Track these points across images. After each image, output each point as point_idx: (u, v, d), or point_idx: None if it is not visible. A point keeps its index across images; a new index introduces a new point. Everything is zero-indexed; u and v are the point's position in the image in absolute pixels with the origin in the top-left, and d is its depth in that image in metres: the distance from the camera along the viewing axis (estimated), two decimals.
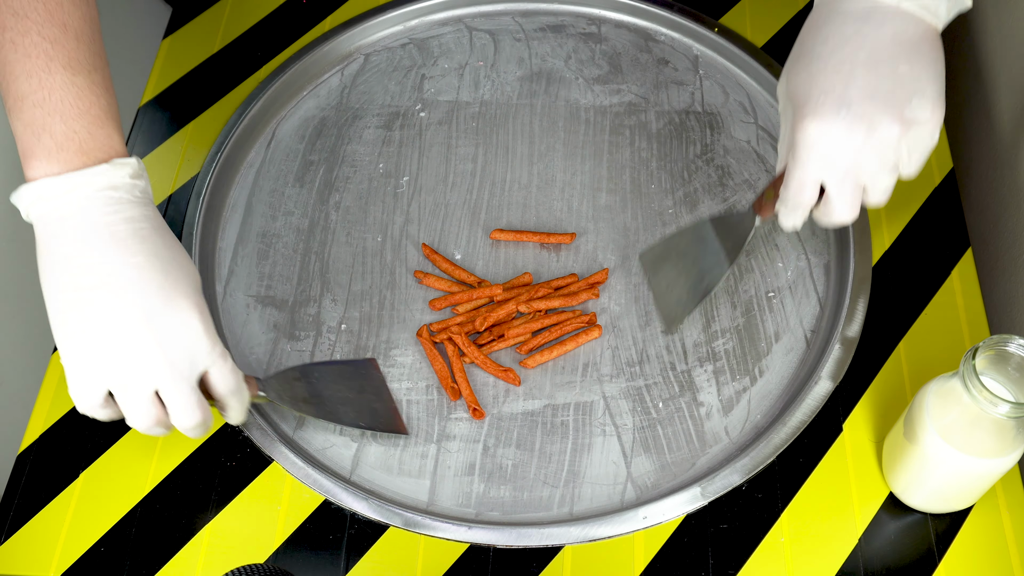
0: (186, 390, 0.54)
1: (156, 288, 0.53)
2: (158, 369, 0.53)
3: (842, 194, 0.57)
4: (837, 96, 0.54)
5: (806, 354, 0.71)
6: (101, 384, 0.53)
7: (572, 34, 0.90)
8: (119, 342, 0.52)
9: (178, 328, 0.53)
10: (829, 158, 0.56)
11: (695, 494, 0.64)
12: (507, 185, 0.81)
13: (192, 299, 0.54)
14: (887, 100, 0.54)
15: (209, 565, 0.65)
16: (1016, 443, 0.57)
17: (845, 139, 0.55)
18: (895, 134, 0.54)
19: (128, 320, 0.52)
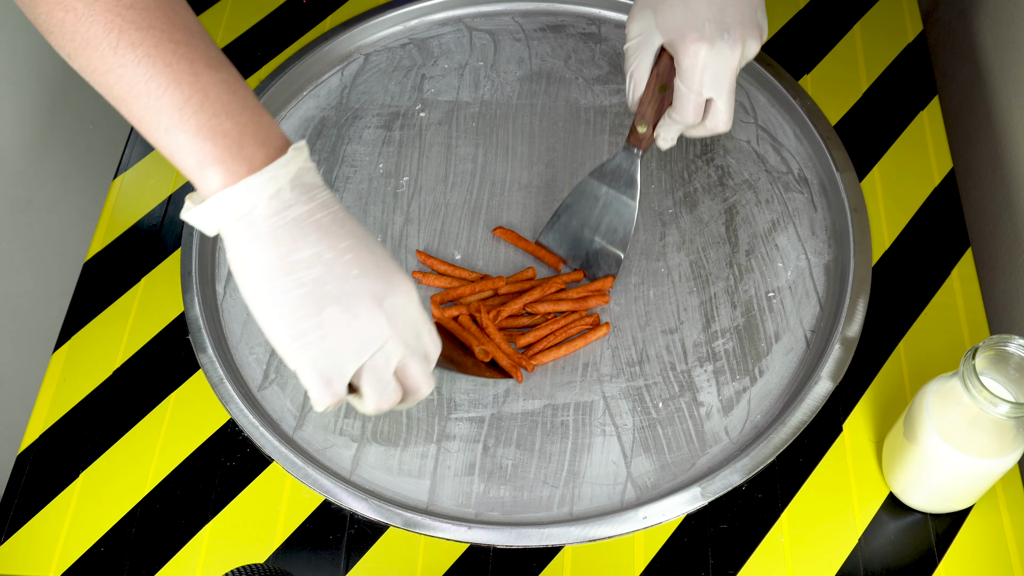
0: (421, 363, 0.54)
1: (374, 269, 0.52)
2: (396, 349, 0.53)
3: (729, 104, 0.64)
4: (718, 23, 0.61)
5: (806, 354, 0.71)
6: (343, 378, 0.52)
7: (572, 34, 0.90)
8: (361, 329, 0.51)
9: (404, 305, 0.53)
10: (717, 75, 0.62)
11: (695, 494, 0.64)
12: (507, 185, 0.81)
13: (402, 272, 0.54)
14: (750, 23, 0.62)
15: (209, 565, 0.65)
16: (1016, 443, 0.57)
17: (729, 57, 0.62)
18: (755, 49, 0.63)
19: (363, 306, 0.51)
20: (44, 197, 0.96)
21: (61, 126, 0.98)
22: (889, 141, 0.83)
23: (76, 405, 0.72)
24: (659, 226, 0.78)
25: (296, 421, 0.70)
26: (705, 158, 0.82)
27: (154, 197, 0.83)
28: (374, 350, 0.52)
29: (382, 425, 0.69)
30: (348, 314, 0.51)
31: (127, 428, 0.71)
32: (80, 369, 0.74)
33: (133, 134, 0.87)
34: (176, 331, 0.75)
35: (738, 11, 0.62)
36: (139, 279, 0.78)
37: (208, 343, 0.71)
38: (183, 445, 0.70)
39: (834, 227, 0.77)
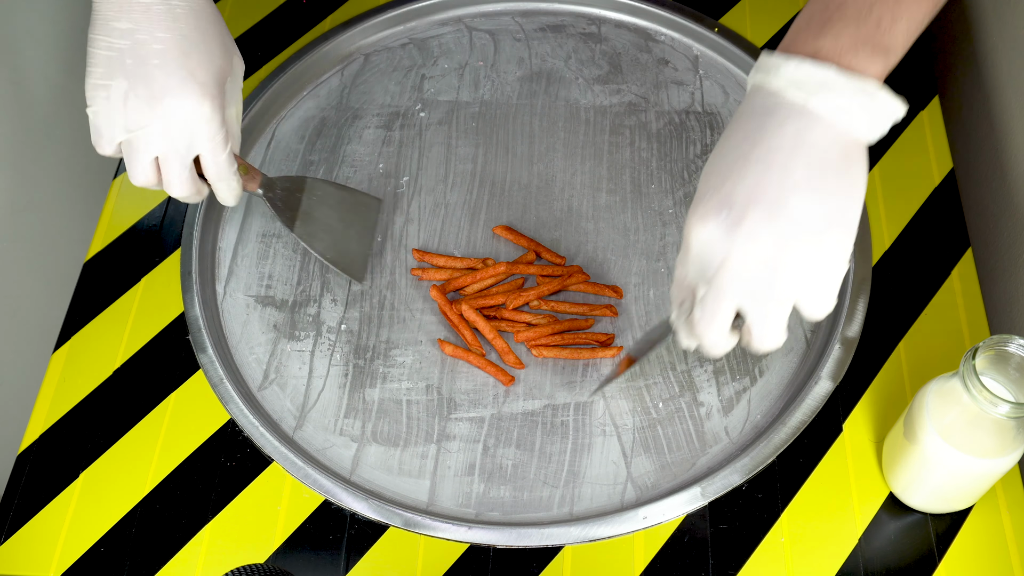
0: (178, 165, 0.60)
1: (175, 67, 0.57)
2: (157, 141, 0.59)
3: (705, 304, 0.50)
4: (723, 195, 0.48)
5: (806, 354, 0.71)
6: (113, 138, 0.59)
7: (572, 34, 0.90)
8: (133, 107, 0.57)
9: (184, 109, 0.58)
10: (702, 262, 0.49)
11: (695, 494, 0.64)
12: (507, 185, 0.81)
13: (205, 86, 0.58)
14: (773, 208, 0.46)
15: (209, 565, 0.65)
16: (1016, 443, 0.57)
17: (718, 243, 0.48)
18: (775, 249, 0.47)
19: (144, 91, 0.57)
20: (44, 197, 0.96)
21: (61, 126, 0.98)
22: (889, 141, 0.83)
23: (76, 405, 0.72)
24: (659, 226, 0.78)
25: (296, 421, 0.70)
26: (705, 158, 0.82)
27: (154, 197, 0.83)
28: (137, 131, 0.58)
29: (382, 425, 0.69)
30: (129, 91, 0.57)
31: (127, 428, 0.71)
32: (80, 369, 0.74)
33: None
34: (176, 331, 0.75)
35: (759, 187, 0.47)
36: (139, 279, 0.78)
37: (208, 343, 0.71)
38: (183, 445, 0.70)
39: None
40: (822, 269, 0.48)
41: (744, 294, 0.49)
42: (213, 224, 0.79)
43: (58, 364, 0.74)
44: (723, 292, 0.49)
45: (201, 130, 0.60)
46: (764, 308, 0.49)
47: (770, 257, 0.47)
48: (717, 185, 0.48)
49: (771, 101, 0.48)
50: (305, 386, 0.71)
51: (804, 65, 0.47)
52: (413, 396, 0.71)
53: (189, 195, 0.63)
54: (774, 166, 0.47)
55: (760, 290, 0.48)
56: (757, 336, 0.50)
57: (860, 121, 0.47)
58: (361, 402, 0.70)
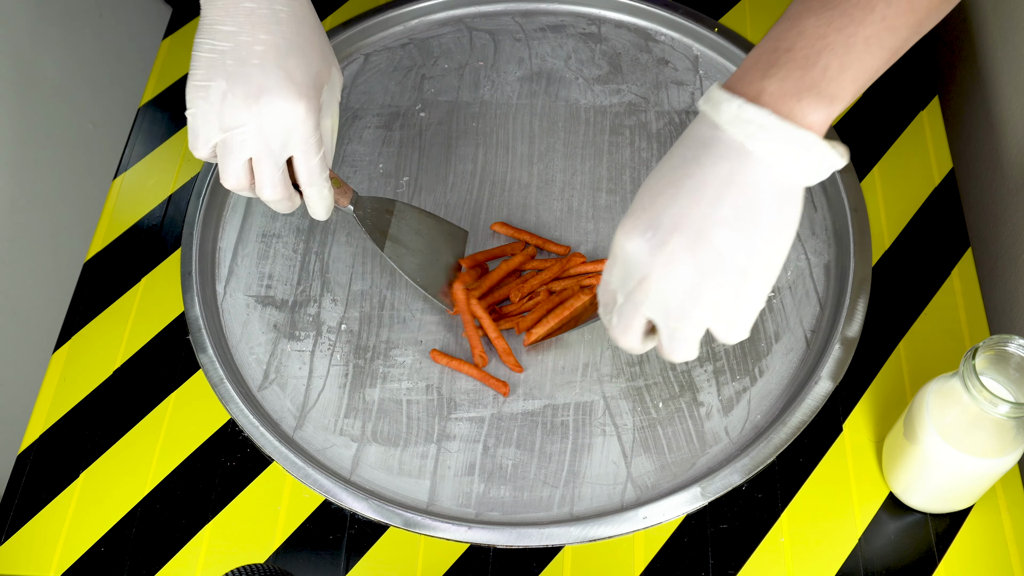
0: (270, 166, 0.60)
1: (274, 68, 0.58)
2: (252, 142, 0.59)
3: (621, 313, 0.53)
4: (650, 216, 0.49)
5: (806, 354, 0.71)
6: (209, 138, 0.59)
7: (572, 34, 0.90)
8: (230, 106, 0.58)
9: (281, 110, 0.58)
10: (624, 274, 0.51)
11: (695, 494, 0.64)
12: (507, 185, 0.81)
13: (303, 89, 0.58)
14: (696, 238, 0.48)
15: (209, 565, 0.65)
16: (1016, 443, 0.57)
17: (640, 260, 0.50)
18: (692, 277, 0.49)
19: (239, 92, 0.57)
20: (44, 197, 0.96)
21: (61, 126, 0.98)
22: (889, 141, 0.83)
23: (76, 405, 0.72)
24: None
25: (296, 421, 0.70)
26: None
27: (154, 197, 0.83)
28: (233, 130, 0.58)
29: (382, 425, 0.69)
30: (228, 92, 0.57)
31: (127, 428, 0.71)
32: (80, 369, 0.74)
33: (133, 134, 0.87)
34: (176, 331, 0.75)
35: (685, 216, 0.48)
36: (139, 279, 0.78)
37: (208, 343, 0.71)
38: (183, 445, 0.70)
39: (834, 227, 0.77)
40: (738, 303, 0.50)
41: (658, 312, 0.51)
42: (213, 224, 0.79)
43: (58, 364, 0.74)
44: (638, 306, 0.51)
45: (296, 131, 0.59)
46: (676, 327, 0.51)
47: (687, 284, 0.49)
48: (648, 204, 0.50)
49: (711, 134, 0.49)
50: (305, 386, 0.71)
51: (746, 107, 0.47)
52: (413, 396, 0.71)
53: (281, 198, 0.62)
54: (704, 199, 0.48)
55: (673, 311, 0.50)
56: (667, 349, 0.52)
57: (796, 167, 0.48)
58: (361, 402, 0.70)
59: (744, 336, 0.51)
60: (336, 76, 0.63)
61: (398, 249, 0.72)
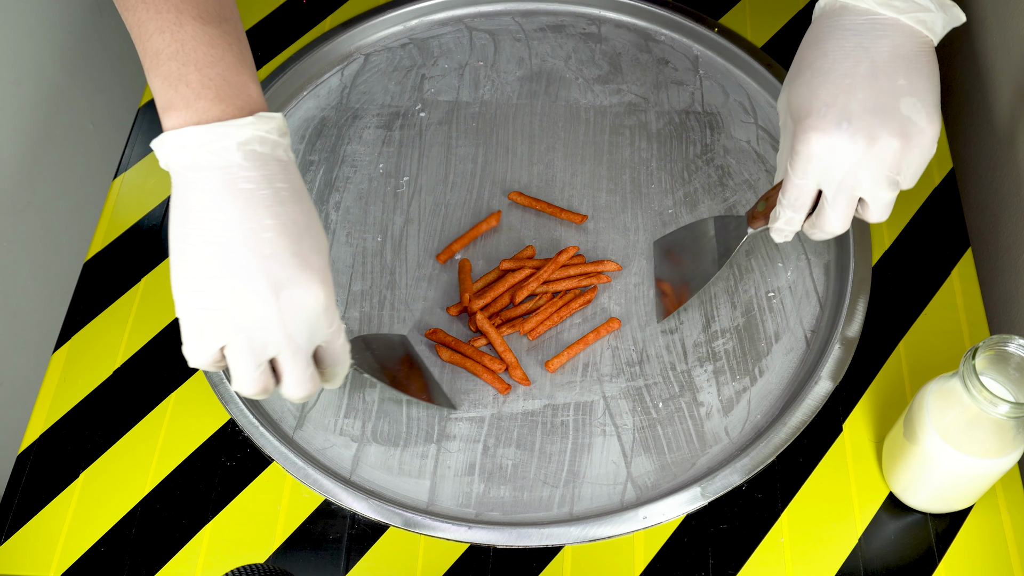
0: (302, 363, 0.53)
1: (288, 257, 0.51)
2: (277, 341, 0.52)
3: (836, 205, 0.58)
4: (839, 109, 0.56)
5: (806, 354, 0.71)
6: (216, 342, 0.52)
7: (572, 34, 0.90)
8: (243, 307, 0.51)
9: (303, 301, 0.52)
10: (829, 168, 0.57)
11: (695, 494, 0.64)
12: (507, 185, 0.81)
13: (320, 273, 0.53)
14: (887, 113, 0.55)
15: (209, 565, 0.65)
16: (1016, 443, 0.57)
17: (846, 150, 0.56)
18: (895, 147, 0.55)
19: (255, 287, 0.51)
20: (44, 197, 0.96)
21: (61, 126, 0.98)
22: None
23: (76, 405, 0.72)
24: (659, 226, 0.78)
25: (296, 421, 0.70)
26: (705, 158, 0.82)
27: (154, 197, 0.83)
28: (251, 331, 0.51)
29: (382, 425, 0.69)
30: (240, 287, 0.51)
31: (127, 428, 0.71)
32: (80, 369, 0.74)
33: (133, 134, 0.87)
34: (176, 331, 0.75)
35: (872, 97, 0.55)
36: (139, 279, 0.78)
37: None
38: (183, 445, 0.70)
39: None
40: (925, 155, 0.57)
41: (870, 188, 0.57)
42: None
43: (58, 364, 0.74)
44: (855, 189, 0.57)
45: (322, 320, 0.53)
46: (882, 194, 0.57)
47: (891, 157, 0.55)
48: (830, 101, 0.56)
49: (865, 19, 0.56)
50: None
51: None
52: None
53: (310, 394, 0.55)
54: (881, 78, 0.55)
55: (882, 183, 0.56)
56: (876, 215, 0.59)
57: (937, 30, 0.57)
58: (361, 402, 0.70)
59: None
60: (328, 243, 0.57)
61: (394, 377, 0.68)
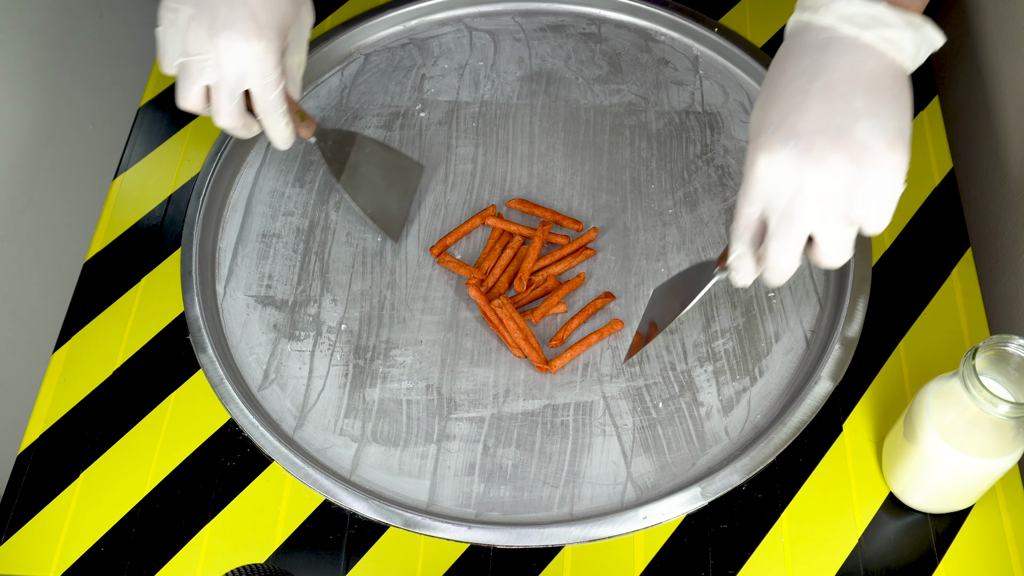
0: (226, 97, 0.63)
1: (239, 4, 0.60)
2: (209, 70, 0.62)
3: (779, 235, 0.51)
4: (787, 127, 0.50)
5: (806, 354, 0.71)
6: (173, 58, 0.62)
7: (572, 34, 0.90)
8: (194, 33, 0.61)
9: (239, 44, 0.61)
10: (773, 192, 0.51)
11: (695, 494, 0.64)
12: (507, 185, 0.81)
13: (263, 28, 0.61)
14: (840, 134, 0.49)
15: (209, 565, 0.65)
16: (1016, 443, 0.57)
17: (791, 172, 0.50)
18: (846, 173, 0.49)
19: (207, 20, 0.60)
20: (44, 197, 0.96)
21: (61, 126, 0.98)
22: None
23: (76, 405, 0.72)
24: (659, 226, 0.78)
25: (296, 421, 0.70)
26: (705, 158, 0.82)
27: (154, 197, 0.83)
28: (192, 57, 0.61)
29: (382, 425, 0.69)
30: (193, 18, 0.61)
31: (127, 428, 0.71)
32: (80, 369, 0.74)
33: (133, 134, 0.87)
34: (176, 331, 0.75)
35: (824, 116, 0.50)
36: (139, 279, 0.78)
37: (208, 343, 0.71)
38: (183, 445, 0.70)
39: None
40: (885, 189, 0.50)
41: (817, 219, 0.50)
42: (213, 224, 0.79)
43: (58, 364, 0.74)
44: (800, 219, 0.50)
45: (253, 68, 0.62)
46: (835, 230, 0.51)
47: (840, 182, 0.49)
48: (779, 119, 0.51)
49: (824, 36, 0.52)
50: (305, 386, 0.71)
51: (855, 2, 0.51)
52: (413, 396, 0.71)
53: (234, 127, 0.65)
54: (836, 96, 0.50)
55: (832, 213, 0.50)
56: (828, 256, 0.52)
57: (907, 51, 0.51)
58: (361, 402, 0.70)
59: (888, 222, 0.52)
60: (306, 15, 0.66)
61: (354, 181, 0.75)
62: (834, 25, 0.51)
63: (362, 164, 0.76)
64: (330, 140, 0.74)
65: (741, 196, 0.53)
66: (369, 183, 0.76)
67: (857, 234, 0.52)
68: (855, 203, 0.50)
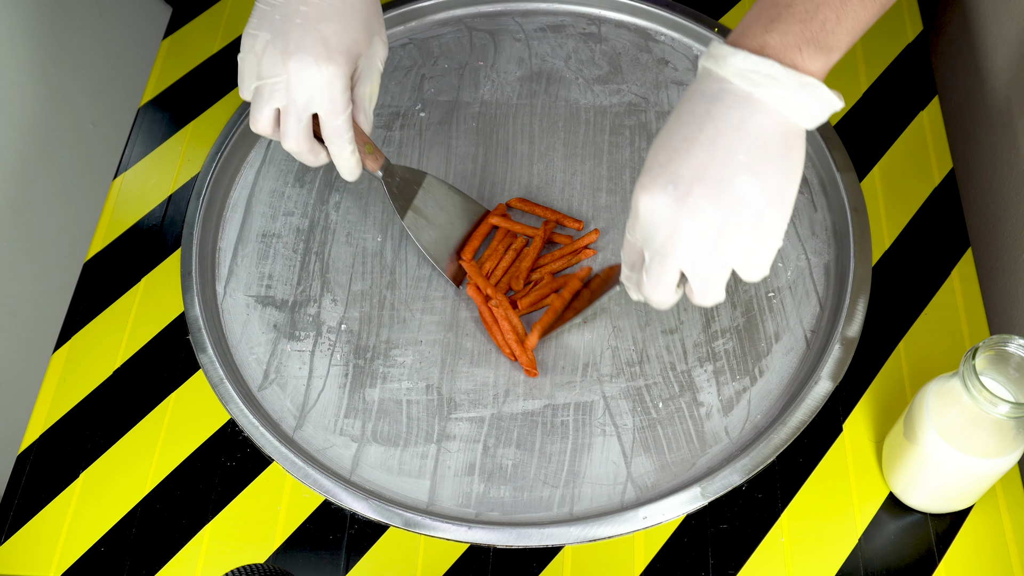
0: (294, 120, 0.64)
1: (311, 29, 0.62)
2: (280, 93, 0.63)
3: (651, 270, 0.54)
4: (670, 172, 0.52)
5: (806, 354, 0.71)
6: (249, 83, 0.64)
7: (572, 34, 0.90)
8: (268, 57, 0.62)
9: (309, 71, 0.62)
10: (651, 230, 0.53)
11: (695, 494, 0.64)
12: (507, 185, 0.81)
13: (333, 52, 0.62)
14: (718, 186, 0.51)
15: (209, 565, 0.65)
16: (1016, 443, 0.57)
17: (667, 215, 0.52)
18: (718, 222, 0.51)
19: (281, 44, 0.62)
20: (44, 197, 0.96)
21: (61, 126, 0.98)
22: (889, 141, 0.83)
23: (76, 405, 0.72)
24: None
25: (296, 421, 0.70)
26: None
27: (154, 197, 0.83)
28: (265, 80, 0.63)
29: (382, 425, 0.69)
30: (270, 44, 0.62)
31: (127, 428, 0.71)
32: (80, 369, 0.74)
33: (133, 134, 0.87)
34: (176, 331, 0.75)
35: (704, 166, 0.51)
36: (139, 279, 0.78)
37: (208, 343, 0.71)
38: (183, 445, 0.70)
39: (834, 227, 0.77)
40: (759, 243, 0.52)
41: (687, 261, 0.53)
42: (213, 224, 0.79)
43: (58, 364, 0.74)
44: (668, 259, 0.53)
45: (321, 91, 0.63)
46: (705, 273, 0.53)
47: (712, 230, 0.51)
48: (665, 162, 0.52)
49: (718, 87, 0.52)
50: (305, 386, 0.71)
51: (751, 58, 0.51)
52: (413, 396, 0.71)
53: (300, 151, 0.66)
54: (719, 148, 0.51)
55: (702, 258, 0.53)
56: (699, 295, 0.55)
57: (800, 111, 0.51)
58: (361, 402, 0.70)
59: (765, 274, 0.54)
60: (379, 46, 0.67)
61: (418, 220, 0.74)
62: (729, 78, 0.51)
63: (428, 205, 0.75)
64: (397, 177, 0.73)
65: (628, 224, 0.56)
66: (434, 224, 0.75)
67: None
68: (728, 252, 0.52)
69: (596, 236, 0.76)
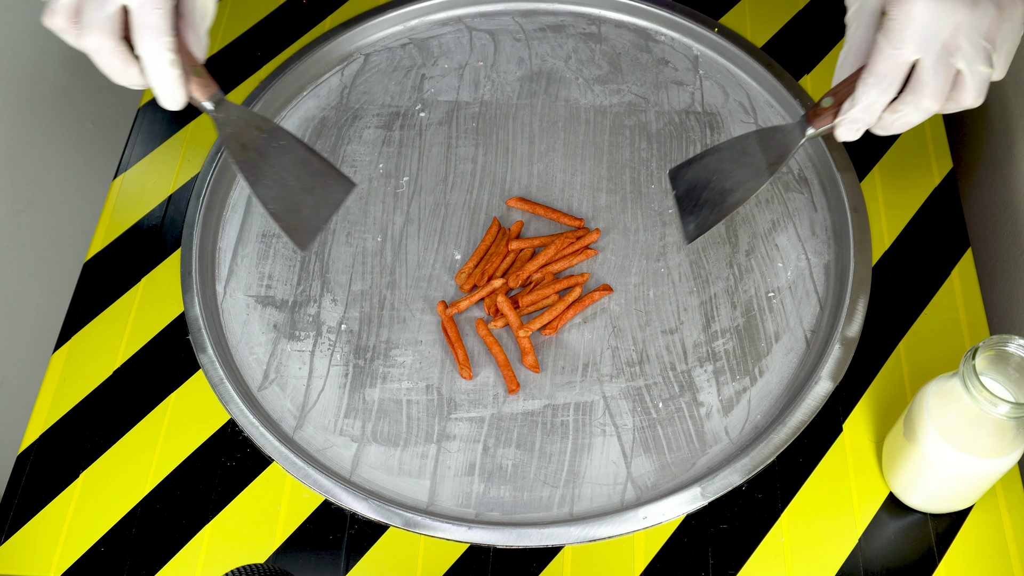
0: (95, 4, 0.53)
1: None
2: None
3: (937, 74, 0.53)
4: None
5: (806, 354, 0.71)
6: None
7: (572, 34, 0.90)
8: None
9: None
10: (930, 34, 0.53)
11: (695, 494, 0.64)
12: (507, 185, 0.81)
13: None
14: None
15: (209, 565, 0.65)
16: (1016, 443, 0.57)
17: (948, 13, 0.52)
18: (992, 15, 0.53)
19: None
20: (44, 197, 0.96)
21: (61, 126, 0.98)
22: (889, 141, 0.83)
23: (76, 405, 0.72)
24: (659, 226, 0.78)
25: (296, 421, 0.70)
26: None
27: (154, 197, 0.83)
28: None
29: (382, 425, 0.69)
30: None
31: (127, 428, 0.71)
32: (80, 369, 0.74)
33: (133, 134, 0.87)
34: (176, 331, 0.75)
35: None
36: (139, 279, 0.78)
37: (208, 343, 0.71)
38: (183, 445, 0.70)
39: (834, 227, 0.77)
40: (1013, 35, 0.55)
41: (967, 56, 0.53)
42: (213, 224, 0.79)
43: (58, 364, 0.74)
44: (950, 57, 0.53)
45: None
46: (981, 67, 0.54)
47: (989, 22, 0.53)
48: None
49: None
50: (305, 386, 0.71)
51: None
52: (413, 396, 0.71)
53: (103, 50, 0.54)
54: None
55: (981, 52, 0.53)
56: (972, 95, 0.55)
57: None
58: (361, 402, 0.70)
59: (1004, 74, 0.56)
60: None
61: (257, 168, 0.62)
62: None
63: (273, 156, 0.63)
64: (234, 115, 0.61)
65: (887, 40, 0.54)
66: (279, 179, 0.63)
67: None
68: (995, 43, 0.54)
69: (597, 236, 0.76)
